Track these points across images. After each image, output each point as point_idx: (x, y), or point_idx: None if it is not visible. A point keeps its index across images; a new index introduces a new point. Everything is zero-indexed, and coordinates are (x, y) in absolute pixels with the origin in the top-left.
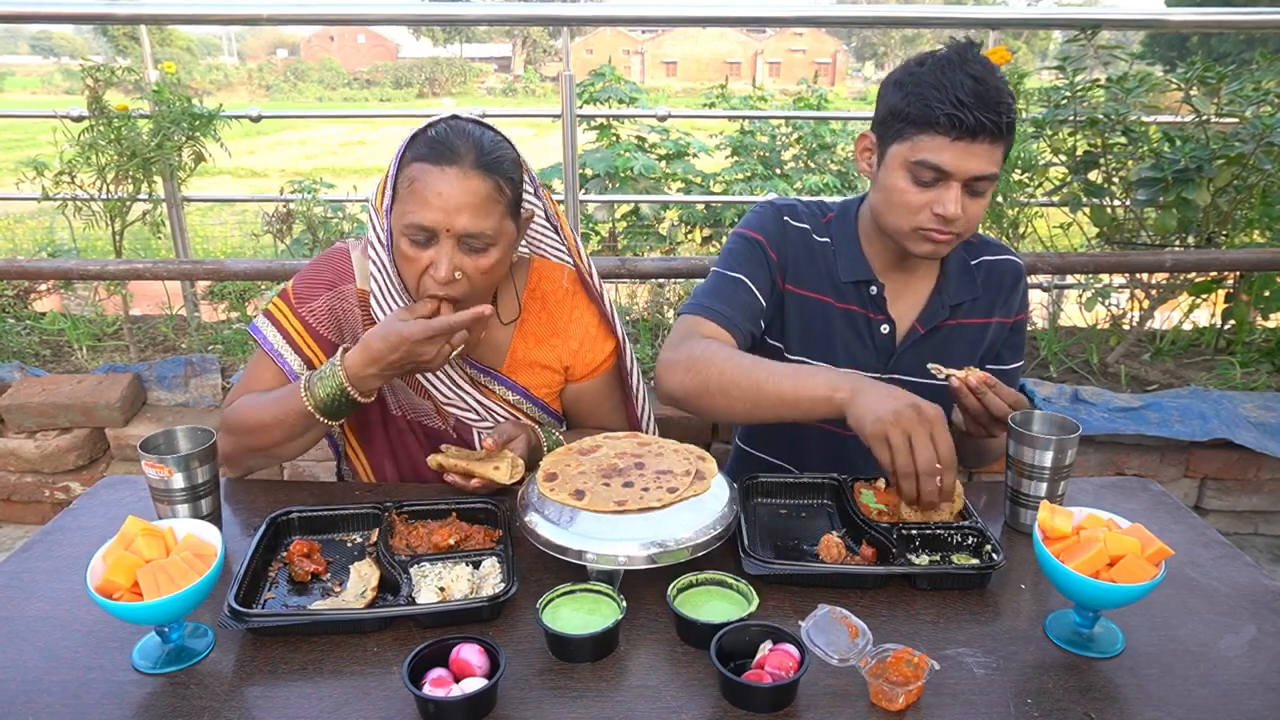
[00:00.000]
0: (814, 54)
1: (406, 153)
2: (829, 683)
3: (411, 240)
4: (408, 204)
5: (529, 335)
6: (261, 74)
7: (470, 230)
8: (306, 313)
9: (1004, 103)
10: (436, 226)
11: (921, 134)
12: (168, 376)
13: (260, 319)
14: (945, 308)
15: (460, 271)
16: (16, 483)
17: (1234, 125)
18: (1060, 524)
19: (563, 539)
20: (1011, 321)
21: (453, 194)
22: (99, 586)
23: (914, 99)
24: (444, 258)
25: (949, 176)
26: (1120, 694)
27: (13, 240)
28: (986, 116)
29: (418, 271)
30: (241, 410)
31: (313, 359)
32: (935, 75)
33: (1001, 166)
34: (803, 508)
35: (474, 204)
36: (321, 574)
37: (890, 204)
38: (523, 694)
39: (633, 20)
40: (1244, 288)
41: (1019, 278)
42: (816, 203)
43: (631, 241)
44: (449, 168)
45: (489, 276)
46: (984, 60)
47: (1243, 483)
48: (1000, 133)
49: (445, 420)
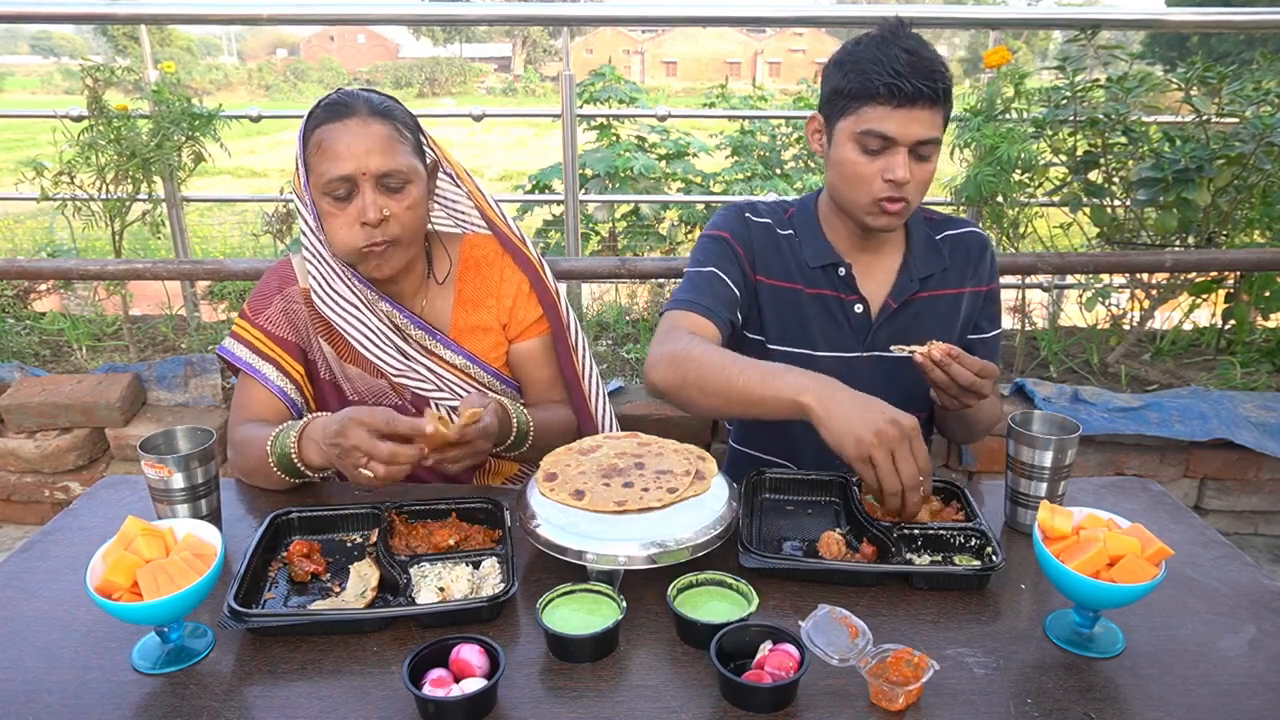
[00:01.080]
0: (814, 54)
1: (307, 125)
2: (829, 683)
3: (334, 197)
4: (321, 164)
5: (467, 301)
6: (261, 74)
7: (385, 169)
8: (264, 321)
9: (937, 70)
10: (353, 173)
11: (864, 106)
12: (168, 376)
13: (227, 340)
14: (915, 281)
15: (386, 210)
16: (16, 483)
17: (1234, 125)
18: (1060, 524)
19: (563, 539)
20: (985, 290)
21: (357, 140)
22: (99, 586)
23: (854, 75)
24: (369, 202)
25: (895, 142)
26: (1120, 694)
27: (13, 240)
28: (923, 83)
29: (349, 224)
30: (241, 451)
31: (280, 361)
32: (871, 51)
33: (943, 132)
34: (808, 504)
35: (379, 145)
36: (321, 574)
37: (844, 177)
38: (523, 694)
39: (633, 20)
40: (1244, 288)
41: (985, 247)
42: (777, 201)
43: (631, 241)
44: (349, 119)
45: (414, 212)
46: (916, 35)
47: (1243, 483)
48: (937, 98)
49: (402, 396)
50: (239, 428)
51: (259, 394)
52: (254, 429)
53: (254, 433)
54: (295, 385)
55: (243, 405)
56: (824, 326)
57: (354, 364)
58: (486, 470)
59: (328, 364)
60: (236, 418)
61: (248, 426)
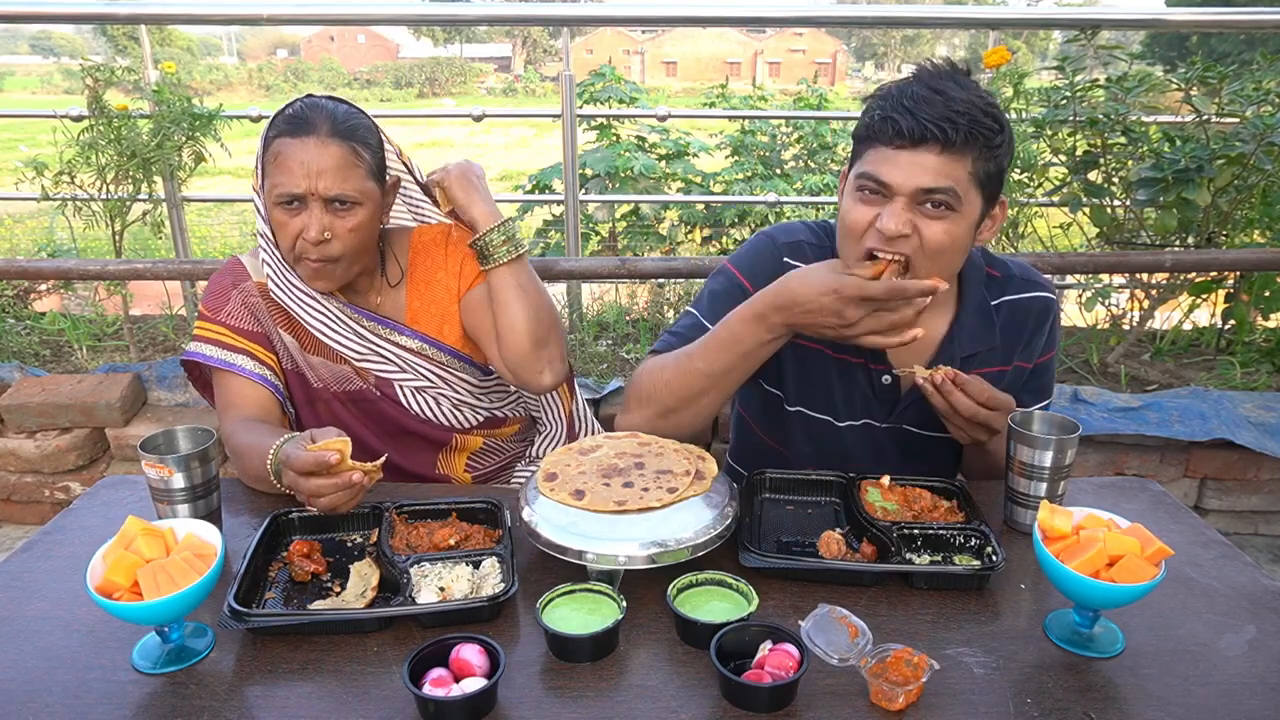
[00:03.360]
0: (814, 54)
1: (269, 132)
2: (829, 683)
3: (284, 206)
4: (275, 176)
5: (419, 283)
6: (261, 74)
7: (334, 193)
8: (225, 317)
9: (964, 113)
10: (303, 192)
11: (868, 149)
12: (168, 376)
13: (192, 344)
14: (956, 360)
15: (329, 232)
16: (16, 483)
17: (1234, 125)
18: (1060, 524)
19: (563, 539)
20: (1033, 366)
21: (312, 160)
22: (99, 586)
23: (865, 114)
24: (314, 220)
25: (890, 190)
26: (1120, 694)
27: (13, 240)
28: (931, 122)
29: (292, 236)
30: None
31: (252, 353)
32: (891, 89)
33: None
34: (808, 504)
35: (333, 168)
36: (321, 574)
37: (840, 228)
38: (523, 694)
39: (633, 20)
40: (1244, 288)
41: (1047, 315)
42: (823, 227)
43: (631, 241)
44: (307, 138)
45: (357, 235)
46: (960, 78)
47: (1243, 483)
48: (952, 141)
49: (365, 380)
50: (230, 429)
51: (240, 388)
52: (249, 435)
53: (250, 442)
54: (272, 371)
55: (228, 404)
56: (847, 394)
57: (317, 353)
58: (452, 448)
59: (290, 355)
60: (225, 418)
61: (240, 428)
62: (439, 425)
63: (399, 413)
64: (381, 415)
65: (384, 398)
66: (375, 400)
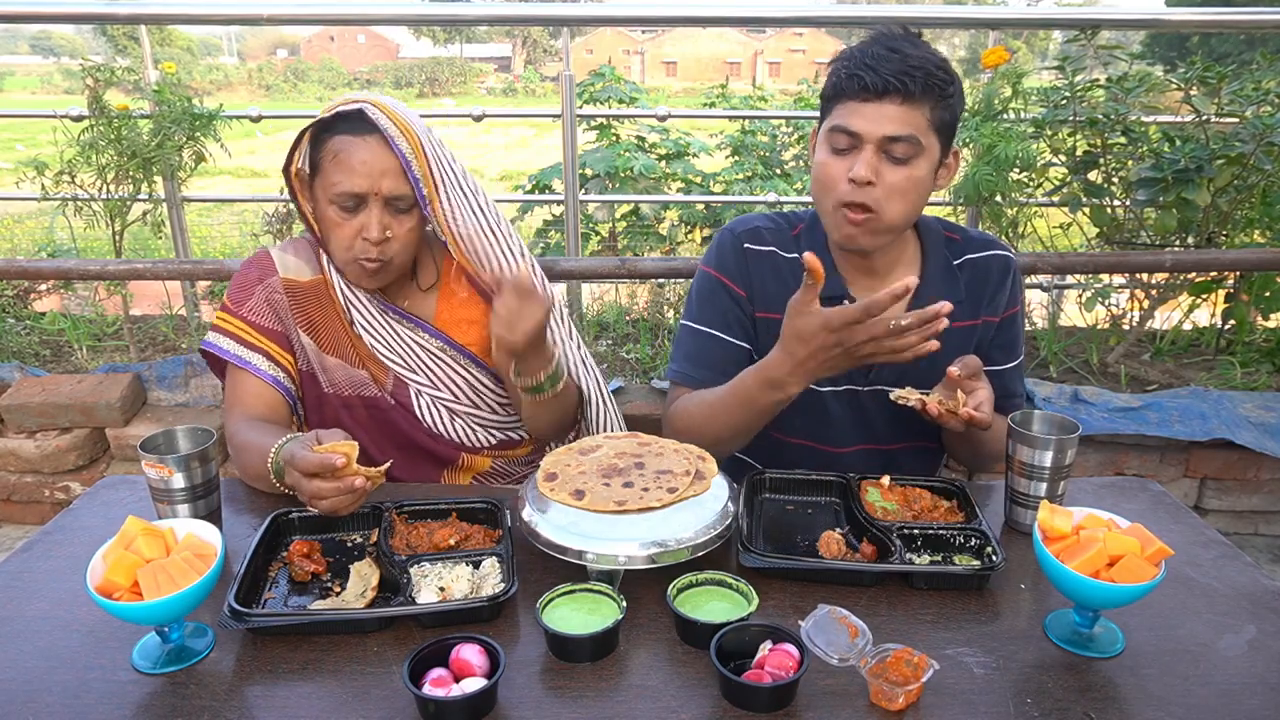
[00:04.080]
0: (814, 54)
1: (321, 129)
2: (829, 683)
3: (341, 208)
4: (334, 175)
5: (451, 297)
6: (261, 74)
7: (394, 192)
8: (247, 312)
9: (919, 67)
10: (365, 191)
11: (836, 104)
12: (168, 376)
13: (210, 335)
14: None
15: (389, 231)
16: (16, 483)
17: (1234, 125)
18: (1060, 524)
19: (563, 539)
20: (999, 320)
21: (375, 160)
22: (99, 586)
23: (831, 75)
24: (375, 220)
25: (860, 139)
26: (1120, 694)
27: (13, 240)
28: (893, 76)
29: (350, 235)
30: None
31: (269, 352)
32: (853, 50)
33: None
34: (808, 504)
35: (395, 168)
36: (321, 574)
37: (815, 181)
38: (523, 694)
39: (633, 20)
40: (1244, 288)
41: (1007, 272)
42: (782, 215)
43: (631, 241)
44: (369, 137)
45: (413, 236)
46: (912, 37)
47: (1243, 483)
48: (912, 93)
49: (382, 387)
50: (235, 426)
51: (251, 386)
52: (252, 433)
53: (252, 439)
54: (286, 373)
55: (236, 400)
56: None
57: (335, 355)
58: (458, 466)
59: (306, 356)
60: (231, 414)
61: (244, 426)
62: (448, 441)
63: (410, 424)
64: (392, 425)
65: (397, 406)
66: (388, 409)
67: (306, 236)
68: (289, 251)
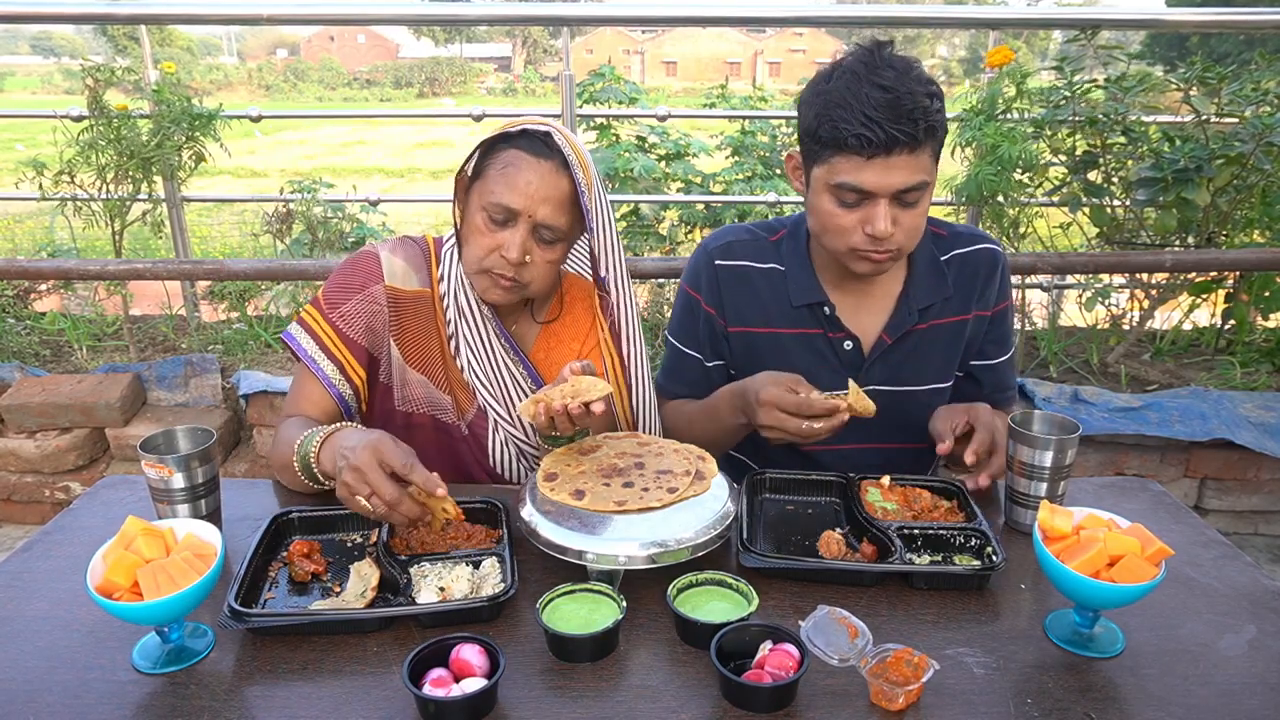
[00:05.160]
0: (814, 54)
1: (501, 142)
2: (829, 683)
3: (490, 218)
4: (496, 184)
5: (553, 337)
6: (261, 74)
7: (548, 221)
8: (338, 318)
9: (918, 108)
10: (519, 209)
11: (836, 155)
12: (168, 376)
13: (294, 327)
14: (913, 313)
15: (529, 257)
16: (16, 483)
17: (1234, 125)
18: (1060, 524)
19: (563, 539)
20: (991, 314)
21: (541, 184)
22: (99, 586)
23: (823, 119)
24: (516, 241)
25: (872, 195)
26: (1120, 694)
27: (13, 240)
28: (899, 129)
29: (488, 248)
30: (276, 445)
31: (344, 364)
32: (842, 92)
33: (933, 169)
34: (808, 504)
35: (557, 198)
36: (321, 574)
37: (823, 228)
38: (523, 694)
39: (633, 20)
40: (1244, 288)
41: (995, 266)
42: (763, 224)
43: (631, 241)
44: (544, 161)
45: (552, 269)
46: (895, 63)
47: (1243, 483)
48: (918, 140)
49: (462, 415)
50: (285, 419)
51: (314, 391)
52: (295, 426)
53: (292, 432)
54: (354, 390)
55: (297, 397)
56: (810, 366)
57: (421, 371)
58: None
59: (390, 368)
60: (287, 408)
61: (292, 421)
62: (506, 481)
63: (475, 458)
64: (455, 455)
65: (470, 438)
66: (459, 439)
67: (419, 241)
68: (398, 255)
